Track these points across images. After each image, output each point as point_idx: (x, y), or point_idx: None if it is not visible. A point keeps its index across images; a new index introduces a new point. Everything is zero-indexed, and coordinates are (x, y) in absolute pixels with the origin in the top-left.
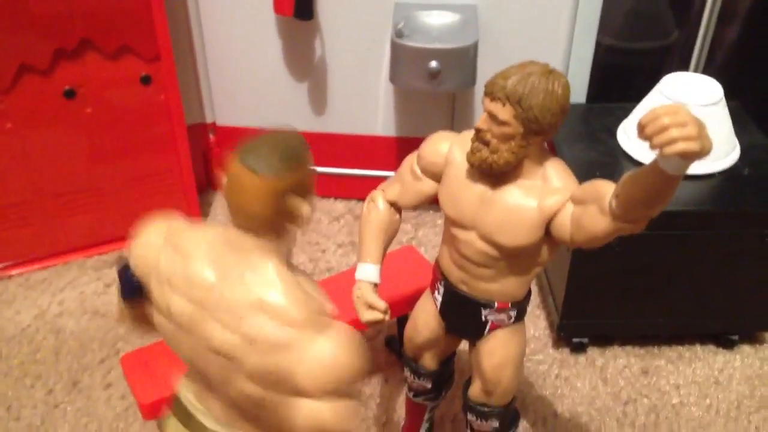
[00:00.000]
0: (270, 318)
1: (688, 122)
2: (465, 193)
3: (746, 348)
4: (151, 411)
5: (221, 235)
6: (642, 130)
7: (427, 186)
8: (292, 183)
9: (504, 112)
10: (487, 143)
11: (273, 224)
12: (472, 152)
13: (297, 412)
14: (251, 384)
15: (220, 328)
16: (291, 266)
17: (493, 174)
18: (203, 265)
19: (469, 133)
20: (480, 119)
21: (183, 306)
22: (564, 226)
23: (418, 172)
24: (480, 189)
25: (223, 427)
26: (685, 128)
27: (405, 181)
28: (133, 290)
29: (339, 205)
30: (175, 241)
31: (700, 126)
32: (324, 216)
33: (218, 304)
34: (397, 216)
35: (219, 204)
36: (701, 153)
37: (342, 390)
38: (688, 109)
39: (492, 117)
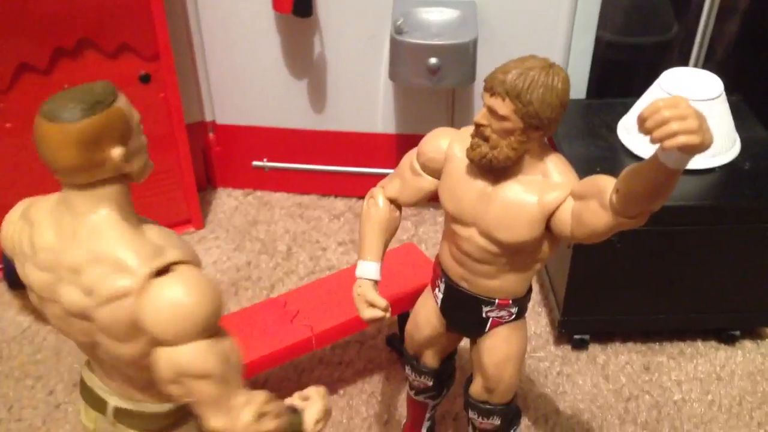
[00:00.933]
0: (106, 268)
1: (688, 115)
2: (465, 189)
3: (748, 343)
4: None
5: (59, 196)
6: (642, 124)
7: (427, 182)
8: (96, 128)
9: (504, 107)
10: (486, 139)
11: (90, 173)
12: (472, 148)
13: (157, 360)
14: (109, 340)
15: (66, 288)
16: (129, 214)
17: (493, 170)
18: (44, 228)
19: (469, 129)
20: (479, 114)
21: (36, 274)
22: (564, 221)
23: (418, 168)
24: (480, 185)
25: (122, 399)
26: (685, 121)
27: (405, 177)
28: (16, 279)
29: (339, 203)
30: (26, 214)
31: (701, 119)
32: (324, 214)
33: (61, 264)
34: (397, 213)
35: (219, 203)
36: (702, 146)
37: (196, 330)
38: (688, 102)
39: (492, 112)
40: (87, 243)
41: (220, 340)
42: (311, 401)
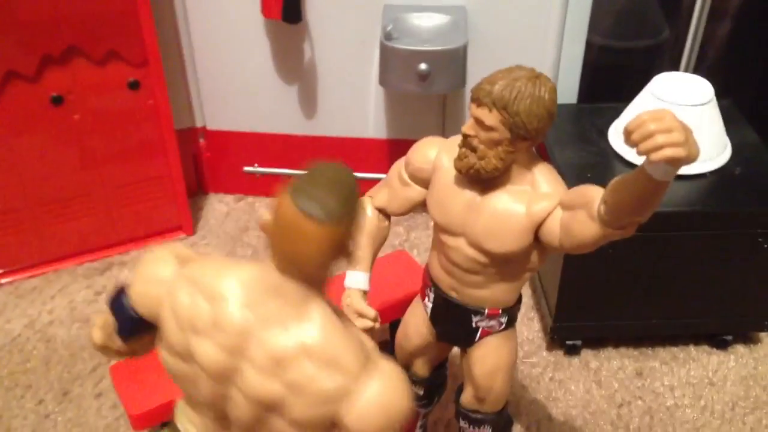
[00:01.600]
0: (318, 366)
1: (674, 128)
2: (453, 200)
3: (740, 348)
4: (141, 421)
5: (259, 277)
6: (628, 136)
7: (415, 192)
8: (351, 225)
9: (490, 118)
10: (474, 149)
11: (325, 269)
12: (460, 158)
13: None
14: (293, 429)
15: (260, 377)
16: (333, 308)
17: (481, 180)
18: (237, 308)
19: (457, 139)
20: (467, 125)
21: (213, 352)
22: (553, 231)
23: (406, 178)
24: (468, 195)
25: None
26: (671, 134)
27: (393, 187)
28: (133, 328)
29: None
30: (194, 279)
31: (687, 131)
32: None
33: (257, 352)
34: (386, 222)
35: (210, 209)
36: (688, 159)
37: (395, 430)
38: (674, 115)
39: (479, 122)
40: (300, 335)
41: None
42: None
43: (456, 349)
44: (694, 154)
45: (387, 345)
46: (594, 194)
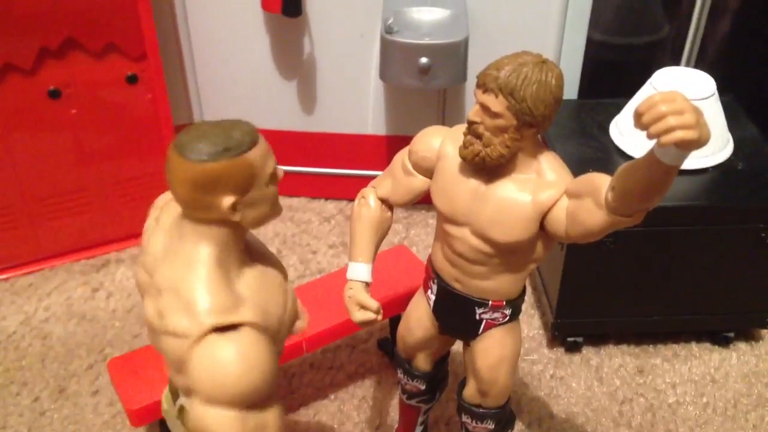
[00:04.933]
0: (177, 304)
1: (685, 110)
2: (458, 189)
3: (742, 345)
4: (139, 417)
5: (178, 214)
6: (639, 119)
7: (419, 182)
8: (213, 175)
9: (497, 104)
10: (479, 136)
11: (198, 211)
12: (465, 146)
13: (190, 408)
14: (167, 363)
15: (150, 299)
16: (230, 258)
17: (487, 168)
18: (159, 237)
19: (462, 127)
20: (472, 111)
21: (140, 272)
22: (559, 220)
23: (410, 167)
24: (473, 184)
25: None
26: (682, 116)
27: (396, 177)
28: None
29: (330, 206)
30: (164, 208)
31: (698, 113)
32: (314, 217)
33: (154, 276)
34: (389, 213)
35: None
36: (699, 142)
37: (230, 399)
38: (685, 96)
39: (484, 109)
40: (177, 270)
41: (255, 416)
42: None
43: (458, 346)
44: (705, 136)
45: (387, 342)
46: (601, 182)
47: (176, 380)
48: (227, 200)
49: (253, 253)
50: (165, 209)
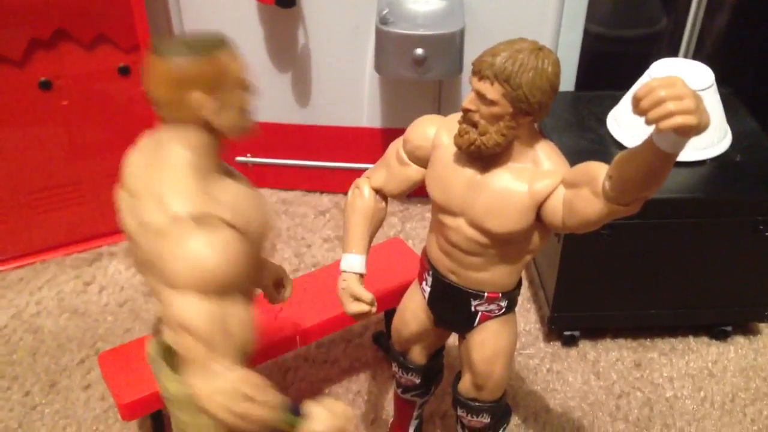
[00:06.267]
0: (149, 199)
1: (685, 95)
2: (453, 178)
3: (740, 339)
4: (131, 411)
5: (155, 133)
6: (637, 104)
7: (414, 171)
8: (185, 70)
9: (492, 91)
10: (475, 124)
11: (172, 109)
12: (460, 134)
13: (169, 304)
14: (151, 272)
15: (129, 212)
16: (207, 163)
17: (482, 157)
18: (136, 154)
19: (457, 116)
20: (467, 99)
21: (122, 194)
22: (555, 210)
23: (405, 157)
24: (468, 173)
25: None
26: (682, 101)
27: (391, 166)
28: None
29: (324, 199)
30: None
31: (698, 99)
32: (309, 210)
33: (133, 190)
34: (383, 204)
35: None
36: (699, 128)
37: (198, 285)
38: (684, 81)
39: (480, 96)
40: (153, 174)
41: (222, 305)
42: (324, 410)
43: (453, 340)
44: (705, 122)
45: (382, 335)
46: (598, 171)
47: (158, 297)
48: (196, 95)
49: (229, 173)
50: (141, 141)
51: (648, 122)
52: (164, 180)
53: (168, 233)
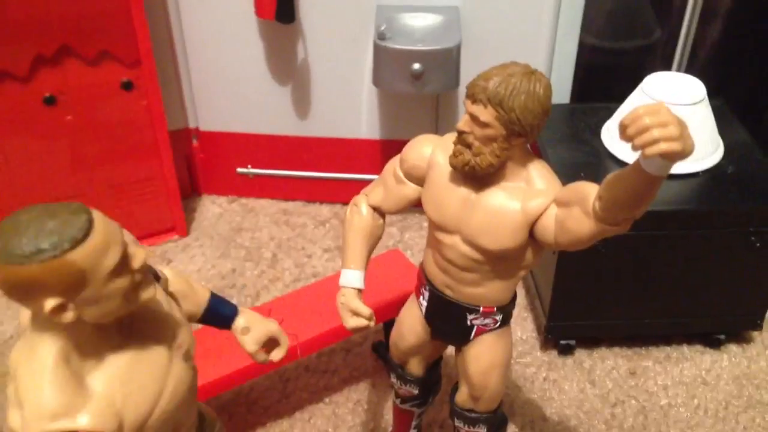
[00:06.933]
0: (16, 398)
1: (669, 122)
2: (448, 197)
3: (733, 347)
4: None
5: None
6: (624, 131)
7: (411, 190)
8: (29, 279)
9: (485, 114)
10: (469, 146)
11: (39, 315)
12: (455, 155)
13: None
14: None
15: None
16: (85, 352)
17: (476, 177)
18: (19, 342)
19: (452, 136)
20: (462, 121)
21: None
22: (548, 228)
23: (401, 176)
24: (463, 192)
25: None
26: (666, 128)
27: (388, 185)
28: None
29: (324, 210)
30: None
31: (682, 126)
32: (309, 221)
33: (8, 387)
34: (381, 221)
35: (203, 210)
36: (683, 153)
37: None
38: (669, 109)
39: (474, 119)
40: (21, 357)
41: None
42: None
43: (451, 349)
44: (689, 148)
45: (381, 345)
46: (589, 191)
47: None
48: (49, 303)
49: (138, 328)
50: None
51: (634, 148)
52: (28, 375)
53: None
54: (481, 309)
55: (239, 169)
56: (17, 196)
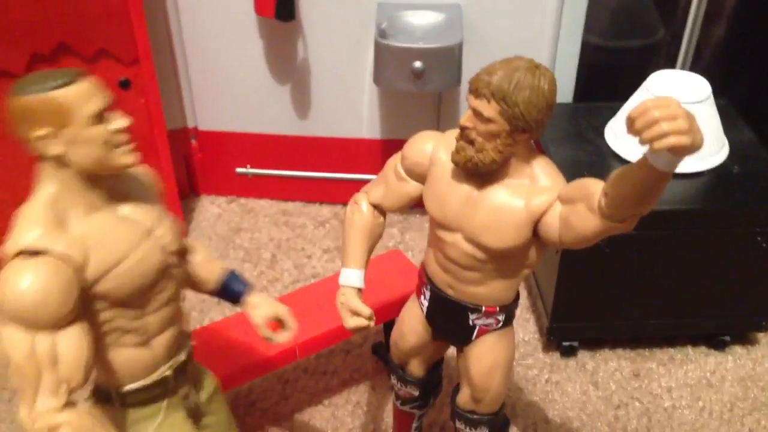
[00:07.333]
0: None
1: (678, 115)
2: (450, 194)
3: (738, 349)
4: None
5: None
6: (631, 125)
7: (412, 187)
8: (24, 107)
9: (489, 109)
10: (472, 142)
11: (28, 147)
12: (457, 151)
13: None
14: None
15: None
16: (75, 200)
17: (479, 173)
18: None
19: (454, 132)
20: (464, 116)
21: None
22: (552, 226)
23: (402, 173)
24: (466, 189)
25: None
26: (675, 122)
27: (389, 182)
28: None
29: (324, 210)
30: None
31: (691, 119)
32: (309, 221)
33: None
34: (382, 219)
35: (202, 210)
36: (692, 147)
37: (26, 324)
38: (678, 102)
39: (477, 114)
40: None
41: (48, 338)
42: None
43: (452, 351)
44: (698, 142)
45: (381, 346)
46: (594, 187)
47: None
48: (39, 131)
49: (126, 205)
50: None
51: (642, 142)
52: (20, 214)
53: (3, 266)
54: (484, 309)
55: (238, 169)
56: (15, 196)
